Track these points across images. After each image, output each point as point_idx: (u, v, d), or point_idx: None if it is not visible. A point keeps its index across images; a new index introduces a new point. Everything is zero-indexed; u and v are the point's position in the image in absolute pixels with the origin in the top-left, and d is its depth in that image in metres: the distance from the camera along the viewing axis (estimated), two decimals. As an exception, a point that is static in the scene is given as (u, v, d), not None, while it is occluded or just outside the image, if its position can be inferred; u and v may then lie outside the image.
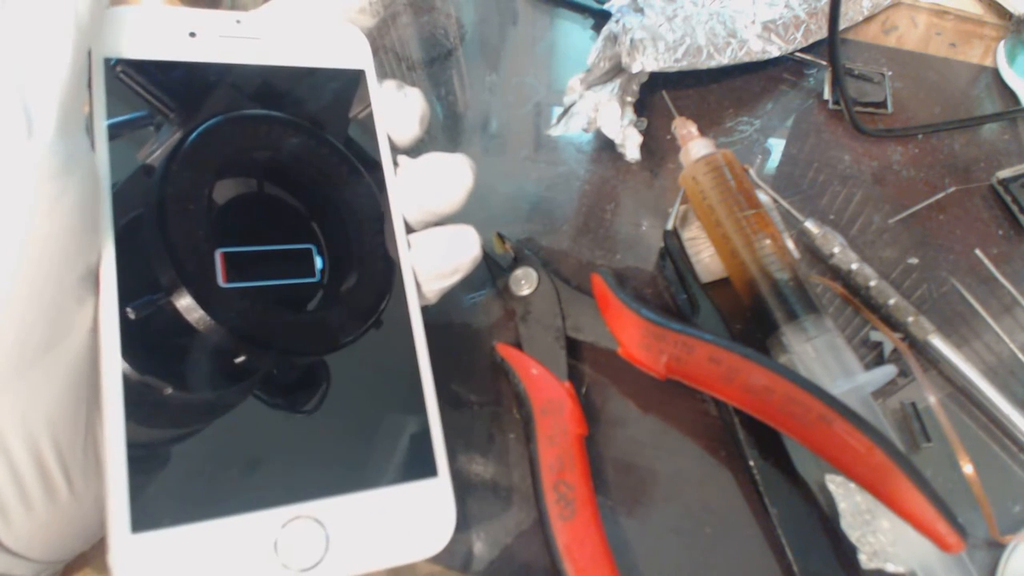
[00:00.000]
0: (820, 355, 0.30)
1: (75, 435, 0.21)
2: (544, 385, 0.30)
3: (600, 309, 0.31)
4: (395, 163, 0.28)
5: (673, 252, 0.34)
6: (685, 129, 0.36)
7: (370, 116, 0.28)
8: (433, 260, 0.27)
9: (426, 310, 0.27)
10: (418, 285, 0.27)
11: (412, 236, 0.27)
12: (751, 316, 0.32)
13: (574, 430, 0.29)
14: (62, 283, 0.20)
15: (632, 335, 0.30)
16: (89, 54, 0.23)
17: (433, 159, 0.27)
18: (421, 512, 0.23)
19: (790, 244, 0.34)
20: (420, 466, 0.23)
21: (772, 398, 0.26)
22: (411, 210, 0.27)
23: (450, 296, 0.29)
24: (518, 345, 0.31)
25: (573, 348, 0.31)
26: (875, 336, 0.34)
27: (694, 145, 0.35)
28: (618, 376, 0.32)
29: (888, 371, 0.29)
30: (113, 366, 0.21)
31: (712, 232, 0.34)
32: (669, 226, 0.35)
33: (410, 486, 0.23)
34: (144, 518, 0.20)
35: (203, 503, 0.21)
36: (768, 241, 0.32)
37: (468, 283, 0.29)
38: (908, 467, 0.24)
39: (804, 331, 0.30)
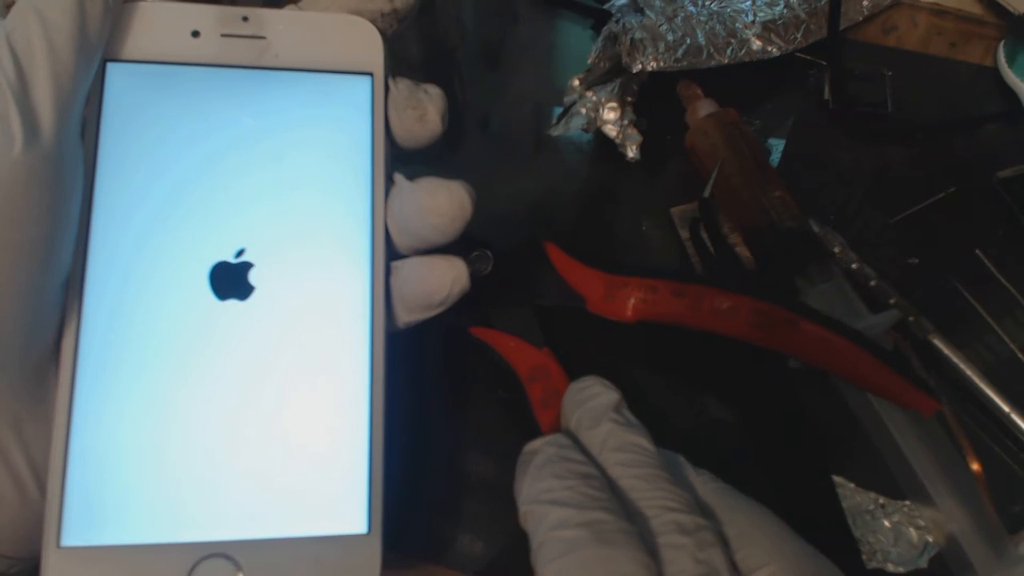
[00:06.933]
0: (828, 300, 0.31)
1: (44, 434, 0.21)
2: (525, 355, 0.30)
3: (560, 273, 0.32)
4: (391, 180, 0.25)
5: (709, 217, 0.35)
6: (691, 90, 0.39)
7: (370, 126, 0.25)
8: (415, 291, 0.25)
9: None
10: (393, 313, 0.25)
11: (397, 263, 0.25)
12: (761, 266, 0.34)
13: (564, 389, 0.29)
14: (43, 288, 0.20)
15: (596, 289, 0.31)
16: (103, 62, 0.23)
17: (430, 184, 0.25)
18: (344, 565, 0.22)
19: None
20: (351, 519, 0.22)
21: (738, 314, 0.29)
22: (399, 234, 0.25)
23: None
24: (490, 326, 0.31)
25: (543, 315, 0.31)
26: (875, 336, 0.34)
27: (701, 104, 0.38)
28: (592, 333, 0.32)
29: (892, 315, 0.32)
30: (67, 377, 0.21)
31: (724, 184, 0.35)
32: (706, 193, 0.36)
33: (337, 538, 0.22)
34: (72, 533, 0.20)
35: (127, 526, 0.21)
36: (778, 193, 0.34)
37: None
38: (872, 347, 0.27)
39: (812, 278, 0.32)
